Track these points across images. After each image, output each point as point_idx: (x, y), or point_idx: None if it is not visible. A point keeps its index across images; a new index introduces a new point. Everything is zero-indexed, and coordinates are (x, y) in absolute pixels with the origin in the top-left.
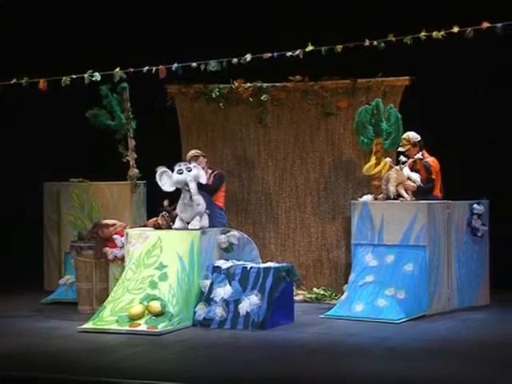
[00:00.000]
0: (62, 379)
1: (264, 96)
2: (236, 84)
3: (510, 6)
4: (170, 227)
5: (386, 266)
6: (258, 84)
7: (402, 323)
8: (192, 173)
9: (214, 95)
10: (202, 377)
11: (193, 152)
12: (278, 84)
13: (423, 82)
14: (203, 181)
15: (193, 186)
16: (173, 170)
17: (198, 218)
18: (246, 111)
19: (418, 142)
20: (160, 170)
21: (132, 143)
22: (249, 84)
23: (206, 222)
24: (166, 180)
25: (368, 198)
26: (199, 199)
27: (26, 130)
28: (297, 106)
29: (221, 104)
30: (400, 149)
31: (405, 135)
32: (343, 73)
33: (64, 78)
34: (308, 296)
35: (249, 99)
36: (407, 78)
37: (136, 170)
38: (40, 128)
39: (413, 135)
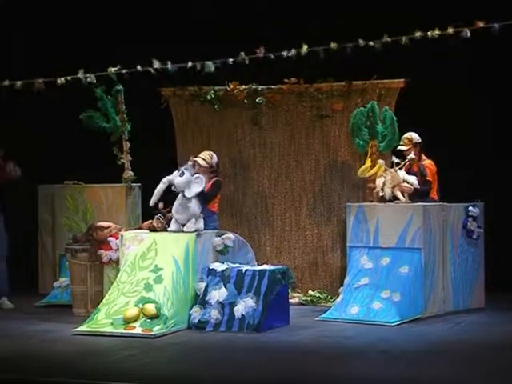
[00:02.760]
0: (56, 382)
1: (259, 98)
2: (231, 86)
3: (505, 6)
4: (165, 230)
5: (382, 268)
6: (253, 86)
7: (397, 326)
8: (183, 178)
9: (208, 97)
10: (197, 380)
11: (202, 163)
12: (273, 86)
13: (419, 84)
14: (188, 194)
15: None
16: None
17: (193, 220)
18: (241, 113)
19: (419, 143)
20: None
21: (127, 145)
22: (244, 86)
23: (201, 224)
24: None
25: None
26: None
27: (21, 132)
28: (292, 109)
29: (216, 106)
30: (401, 147)
31: (407, 135)
32: (338, 75)
33: (59, 79)
34: (303, 298)
35: (244, 101)
36: (402, 80)
37: (131, 173)
38: (35, 130)
39: (415, 136)
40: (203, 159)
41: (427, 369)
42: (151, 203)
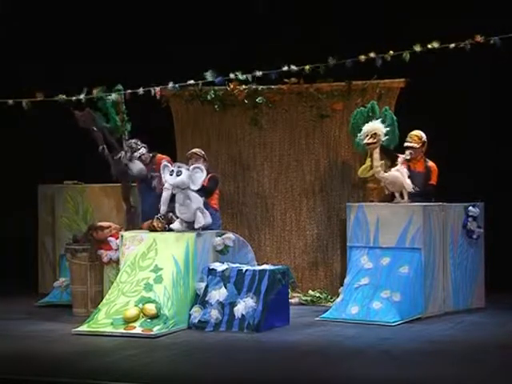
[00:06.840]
0: (56, 382)
1: (259, 98)
2: (231, 86)
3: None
4: (165, 229)
5: (382, 268)
6: (253, 86)
7: (397, 326)
8: (184, 175)
9: (209, 97)
10: (197, 380)
11: (195, 150)
12: (273, 86)
13: (419, 84)
14: (195, 186)
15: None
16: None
17: (199, 214)
18: (241, 113)
19: (425, 142)
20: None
21: None
22: (244, 86)
23: (208, 218)
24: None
25: None
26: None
27: (22, 132)
28: (292, 109)
29: (216, 106)
30: (412, 145)
31: (416, 132)
32: (338, 75)
33: (60, 96)
34: (303, 298)
35: (244, 101)
36: (402, 80)
37: None
38: (35, 130)
39: (423, 134)
40: (197, 151)
41: (427, 369)
42: (162, 212)
